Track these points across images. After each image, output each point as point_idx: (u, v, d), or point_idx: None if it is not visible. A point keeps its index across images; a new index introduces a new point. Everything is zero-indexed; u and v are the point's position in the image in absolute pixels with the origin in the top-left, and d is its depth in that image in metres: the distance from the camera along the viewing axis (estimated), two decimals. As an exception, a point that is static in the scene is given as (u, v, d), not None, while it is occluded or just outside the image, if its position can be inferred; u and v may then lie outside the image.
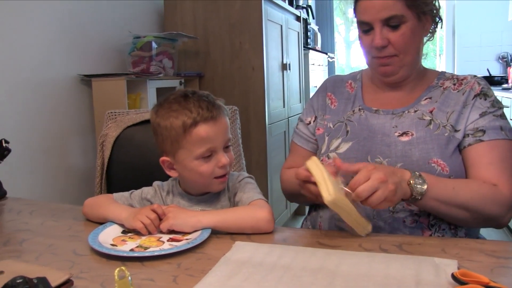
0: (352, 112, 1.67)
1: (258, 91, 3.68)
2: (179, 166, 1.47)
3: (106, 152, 2.11)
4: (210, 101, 1.44)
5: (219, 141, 1.43)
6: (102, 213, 1.47)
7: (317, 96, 1.79)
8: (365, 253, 1.18)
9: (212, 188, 1.49)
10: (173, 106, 1.43)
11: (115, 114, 2.19)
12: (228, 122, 1.48)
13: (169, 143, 1.45)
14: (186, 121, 1.40)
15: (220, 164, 1.43)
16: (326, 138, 1.66)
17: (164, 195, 1.56)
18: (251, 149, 3.73)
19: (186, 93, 1.46)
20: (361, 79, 1.75)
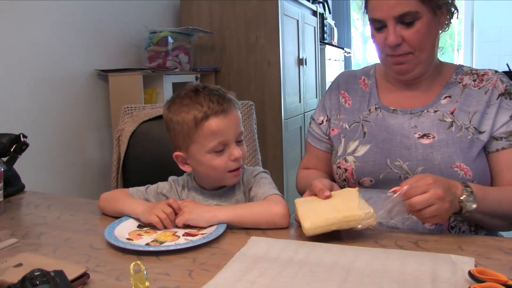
0: (368, 111, 1.61)
1: (274, 86, 3.67)
2: (192, 160, 1.47)
3: (122, 147, 2.12)
4: (220, 95, 1.45)
5: (231, 134, 1.44)
6: (118, 207, 1.48)
7: (329, 94, 1.73)
8: (381, 249, 1.17)
9: (226, 182, 1.49)
10: (184, 101, 1.44)
11: (131, 109, 2.19)
12: (239, 115, 1.48)
13: (181, 138, 1.46)
14: (197, 115, 1.41)
15: (232, 157, 1.43)
16: (342, 140, 1.62)
17: (179, 190, 1.57)
18: (267, 144, 3.73)
19: (197, 87, 1.47)
20: (374, 75, 1.69)
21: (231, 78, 3.80)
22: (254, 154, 2.09)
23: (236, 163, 1.45)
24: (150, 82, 3.11)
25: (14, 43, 2.51)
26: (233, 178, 1.48)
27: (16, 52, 2.52)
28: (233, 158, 1.44)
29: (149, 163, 2.06)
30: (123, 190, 1.59)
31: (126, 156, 2.11)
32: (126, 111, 2.19)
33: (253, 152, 2.09)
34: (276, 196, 1.43)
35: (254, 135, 2.10)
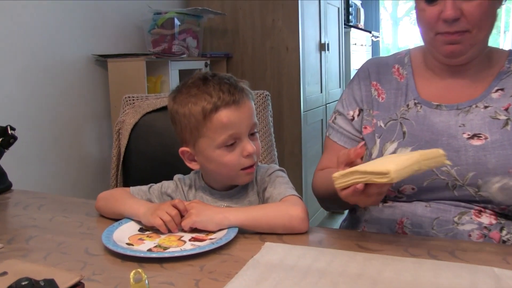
0: (406, 107, 1.56)
1: (292, 74, 3.67)
2: (201, 157, 1.47)
3: (123, 141, 2.12)
4: (232, 84, 1.44)
5: (243, 127, 1.43)
6: (118, 208, 1.48)
7: (358, 84, 1.67)
8: (411, 259, 1.16)
9: (238, 181, 1.49)
10: (192, 91, 1.44)
11: (133, 98, 2.20)
12: (253, 106, 1.48)
13: (188, 132, 1.46)
14: (206, 106, 1.40)
15: (245, 153, 1.43)
16: (378, 141, 1.55)
17: (186, 190, 1.57)
18: (284, 139, 3.72)
19: (206, 75, 1.47)
20: (410, 64, 1.63)
21: (245, 65, 3.80)
22: (269, 150, 2.09)
23: (249, 159, 1.45)
24: (154, 69, 3.12)
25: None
26: (245, 177, 1.48)
27: (2, 35, 2.53)
28: (246, 154, 1.43)
29: (153, 159, 2.07)
30: (124, 189, 1.59)
31: (127, 151, 2.12)
32: (127, 101, 2.20)
33: (268, 147, 2.09)
34: (293, 198, 1.42)
35: (270, 129, 2.10)
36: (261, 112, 2.07)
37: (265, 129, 2.08)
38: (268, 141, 2.09)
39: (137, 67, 2.96)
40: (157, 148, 2.06)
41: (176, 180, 1.59)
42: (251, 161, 1.46)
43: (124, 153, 2.12)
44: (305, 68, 3.76)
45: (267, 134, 2.09)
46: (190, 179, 1.59)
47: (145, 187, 1.58)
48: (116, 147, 2.16)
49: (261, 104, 2.08)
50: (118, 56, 3.04)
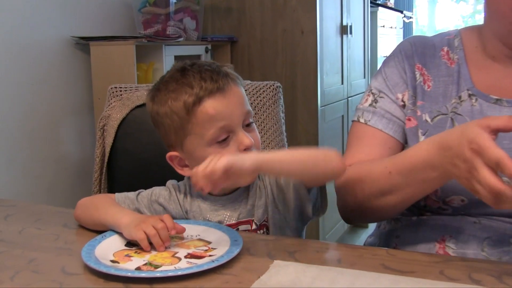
0: (458, 99, 1.51)
1: (308, 62, 3.67)
2: (192, 159, 1.49)
3: (108, 139, 2.13)
4: (214, 70, 1.46)
5: (235, 117, 1.45)
6: (98, 218, 1.49)
7: (402, 62, 1.62)
8: (448, 283, 1.16)
9: (240, 182, 1.50)
10: (170, 86, 1.47)
11: (120, 89, 2.20)
12: (243, 92, 1.50)
13: (173, 133, 1.48)
14: (188, 99, 1.43)
15: (242, 146, 1.44)
16: (422, 138, 1.51)
17: (181, 198, 1.57)
18: (298, 138, 3.73)
19: (184, 66, 1.49)
20: (461, 47, 1.59)
21: (253, 50, 3.80)
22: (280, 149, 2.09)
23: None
24: (145, 55, 3.12)
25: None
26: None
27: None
28: (243, 148, 1.44)
29: (143, 161, 2.07)
30: (107, 195, 1.60)
31: (113, 151, 2.13)
32: (114, 93, 2.20)
33: (280, 147, 2.08)
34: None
35: (281, 127, 2.10)
36: (271, 107, 2.07)
37: (276, 127, 2.08)
38: (279, 141, 2.09)
39: (125, 52, 2.96)
40: (149, 148, 2.07)
41: (169, 187, 1.60)
42: None
43: (109, 153, 2.13)
44: (323, 55, 3.76)
45: (278, 133, 2.09)
46: (184, 186, 1.59)
47: (133, 194, 1.59)
48: (99, 147, 2.17)
49: (271, 98, 2.08)
50: (103, 39, 3.05)
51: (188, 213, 1.55)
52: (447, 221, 1.45)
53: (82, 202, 1.58)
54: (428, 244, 1.47)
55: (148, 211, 1.56)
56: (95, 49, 3.04)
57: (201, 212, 1.53)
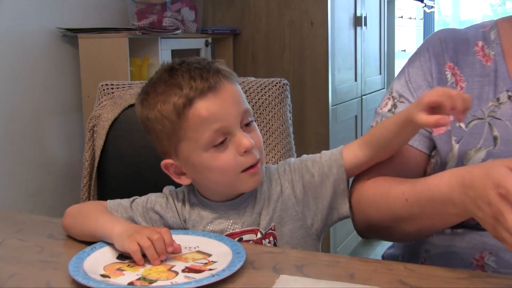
0: (496, 101, 1.47)
1: (318, 57, 3.67)
2: (188, 166, 1.50)
3: (98, 142, 2.13)
4: (204, 67, 1.46)
5: (231, 117, 1.45)
6: (88, 227, 1.49)
7: (429, 61, 1.58)
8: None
9: (242, 187, 1.50)
10: (158, 88, 1.47)
11: (112, 86, 2.20)
12: (238, 89, 1.50)
13: (166, 139, 1.48)
14: (177, 101, 1.43)
15: (241, 148, 1.44)
16: (456, 147, 1.47)
17: (179, 206, 1.57)
18: (307, 140, 3.73)
19: (172, 65, 1.50)
20: (498, 40, 1.55)
21: (257, 44, 3.80)
22: (287, 154, 2.09)
23: (250, 156, 1.46)
24: (139, 49, 3.13)
25: None
26: (250, 180, 1.49)
27: None
28: (243, 150, 1.44)
29: (137, 165, 2.08)
30: (99, 203, 1.60)
31: (104, 154, 2.13)
32: (105, 90, 2.21)
33: (286, 152, 2.09)
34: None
35: (288, 128, 2.10)
36: (277, 107, 2.07)
37: (282, 128, 2.08)
38: (285, 144, 2.09)
39: (117, 45, 2.97)
40: (143, 151, 2.07)
41: (166, 194, 1.60)
42: (253, 158, 1.47)
43: (99, 157, 2.13)
44: (335, 49, 3.77)
45: (285, 135, 2.09)
46: (182, 192, 1.60)
47: (127, 201, 1.59)
48: (89, 149, 2.17)
49: (277, 96, 2.08)
50: (92, 31, 3.05)
51: (187, 222, 1.55)
52: (486, 237, 1.41)
53: (70, 210, 1.58)
54: (463, 261, 1.44)
55: (143, 220, 1.55)
56: (84, 42, 3.04)
57: (202, 220, 1.53)
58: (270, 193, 1.54)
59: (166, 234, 1.37)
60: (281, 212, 1.53)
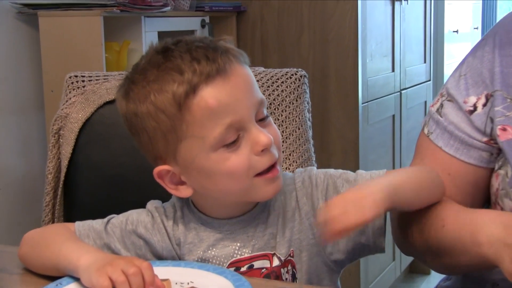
0: None
1: (345, 41, 3.69)
2: (190, 173, 1.48)
3: (66, 148, 2.14)
4: (208, 46, 1.46)
5: (244, 108, 1.44)
6: (50, 258, 1.50)
7: (492, 52, 1.57)
8: None
9: (257, 195, 1.50)
10: (149, 74, 1.45)
11: (82, 79, 2.22)
12: (250, 73, 1.50)
13: (161, 139, 1.46)
14: (177, 90, 1.41)
15: (258, 146, 1.43)
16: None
17: (169, 226, 1.57)
18: (331, 146, 3.74)
19: (165, 45, 1.48)
20: None
21: (267, 25, 3.81)
22: (305, 164, 2.10)
23: (268, 156, 1.45)
24: (117, 31, 3.14)
25: None
26: (267, 186, 1.48)
27: None
28: (260, 148, 1.44)
29: (115, 178, 2.09)
30: (65, 226, 1.61)
31: (72, 165, 2.14)
32: (73, 84, 2.22)
33: (304, 161, 2.09)
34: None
35: (307, 131, 2.11)
36: (293, 104, 2.08)
37: (300, 132, 2.09)
38: (303, 152, 2.10)
39: (89, 26, 2.98)
40: (122, 160, 2.08)
41: (151, 210, 1.60)
42: (271, 158, 1.46)
43: (66, 167, 2.14)
44: (367, 30, 3.78)
45: (303, 140, 2.10)
46: (173, 208, 1.59)
47: (100, 223, 1.59)
48: (53, 159, 2.18)
49: (292, 91, 2.09)
50: (56, 7, 3.05)
51: (181, 246, 1.55)
52: None
53: (29, 236, 1.59)
54: None
55: (123, 246, 1.56)
56: (45, 22, 3.05)
57: (201, 243, 1.53)
58: (285, 209, 1.55)
59: (147, 271, 1.34)
60: (299, 234, 1.54)
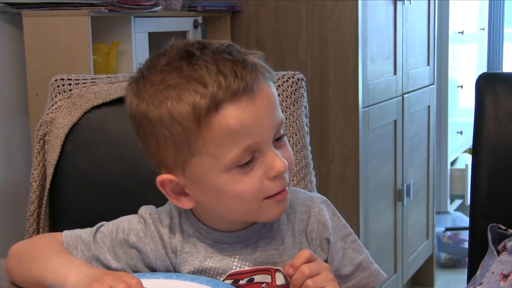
0: None
1: (345, 42, 3.69)
2: (196, 187, 1.47)
3: (51, 155, 2.14)
4: (237, 59, 1.43)
5: (265, 131, 1.43)
6: (36, 274, 1.50)
7: None
8: None
9: (264, 216, 1.50)
10: (169, 78, 1.42)
11: (69, 82, 2.22)
12: (274, 92, 1.48)
13: (171, 149, 1.45)
14: (199, 102, 1.38)
15: (273, 172, 1.43)
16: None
17: (165, 233, 1.57)
18: (330, 153, 3.75)
19: (189, 49, 1.44)
20: None
21: (263, 25, 3.82)
22: (303, 171, 2.10)
23: (279, 181, 1.45)
24: (106, 31, 3.15)
25: None
26: (275, 207, 1.48)
27: None
28: (274, 174, 1.43)
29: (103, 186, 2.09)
30: (53, 237, 1.61)
31: (58, 172, 2.14)
32: (60, 87, 2.22)
33: (301, 169, 2.10)
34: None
35: (305, 137, 2.11)
36: (290, 109, 2.09)
37: (297, 137, 2.10)
38: (300, 159, 2.10)
39: (76, 26, 2.98)
40: (111, 167, 2.09)
41: (145, 217, 1.59)
42: (282, 184, 1.46)
43: (52, 175, 2.14)
44: (368, 31, 3.79)
45: (300, 146, 2.10)
46: (169, 214, 1.59)
47: (89, 232, 1.59)
48: (38, 166, 2.18)
49: (289, 95, 2.09)
50: (42, 6, 3.05)
51: (178, 255, 1.54)
52: None
53: (16, 249, 1.59)
54: None
55: (114, 257, 1.55)
56: (30, 22, 3.05)
57: (198, 253, 1.53)
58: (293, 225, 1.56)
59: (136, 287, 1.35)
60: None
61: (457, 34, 5.35)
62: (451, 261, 5.42)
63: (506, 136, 2.12)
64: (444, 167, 5.63)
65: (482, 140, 2.16)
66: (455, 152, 5.89)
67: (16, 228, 3.02)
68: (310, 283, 1.39)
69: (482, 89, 2.21)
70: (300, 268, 1.40)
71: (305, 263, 1.40)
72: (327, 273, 1.43)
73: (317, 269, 1.41)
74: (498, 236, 1.93)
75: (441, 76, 5.25)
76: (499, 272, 1.76)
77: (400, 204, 4.36)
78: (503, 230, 1.93)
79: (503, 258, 1.81)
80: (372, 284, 1.60)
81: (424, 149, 4.82)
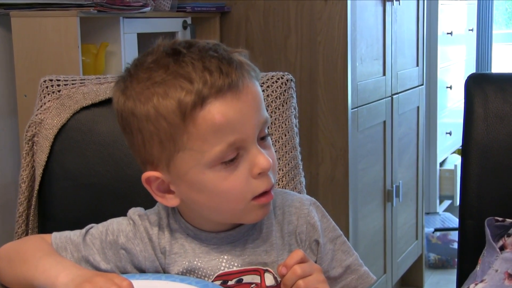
0: None
1: (334, 43, 3.69)
2: (180, 184, 1.48)
3: (40, 156, 2.14)
4: (223, 57, 1.44)
5: (249, 128, 1.45)
6: (26, 275, 1.50)
7: None
8: None
9: (248, 218, 1.51)
10: (155, 75, 1.44)
11: (58, 83, 2.21)
12: (259, 90, 1.50)
13: (157, 145, 1.46)
14: (184, 98, 1.40)
15: (257, 169, 1.44)
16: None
17: (154, 234, 1.58)
18: (319, 154, 3.74)
19: (175, 47, 1.47)
20: None
21: (252, 26, 3.82)
22: (292, 173, 2.10)
23: (265, 180, 1.47)
24: (95, 32, 3.14)
25: None
26: (259, 210, 1.49)
27: None
28: (258, 171, 1.44)
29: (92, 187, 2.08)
30: (42, 238, 1.61)
31: (47, 173, 2.13)
32: (48, 88, 2.22)
33: (291, 170, 2.10)
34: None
35: (294, 138, 2.11)
36: (279, 110, 2.09)
37: (286, 139, 2.10)
38: (289, 160, 2.10)
39: (65, 27, 2.98)
40: (100, 168, 2.08)
41: (134, 218, 1.59)
42: (268, 183, 1.47)
43: (41, 176, 2.14)
44: (357, 32, 3.79)
45: (289, 147, 2.10)
46: (157, 215, 1.59)
47: (78, 234, 1.59)
48: (27, 167, 2.18)
49: (278, 96, 2.09)
50: (30, 7, 3.05)
51: (167, 255, 1.55)
52: None
53: (5, 251, 1.59)
54: None
55: (103, 258, 1.56)
56: (18, 22, 3.05)
57: (186, 253, 1.54)
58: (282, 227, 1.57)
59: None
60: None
61: (446, 35, 5.36)
62: (440, 261, 5.43)
63: (495, 137, 2.13)
64: (433, 167, 5.65)
65: (471, 141, 2.17)
66: (444, 152, 5.91)
67: (5, 230, 3.02)
68: (301, 284, 1.41)
69: (471, 90, 2.22)
70: (293, 268, 1.42)
71: (298, 263, 1.42)
72: (318, 275, 1.46)
73: (309, 270, 1.43)
74: (497, 230, 1.94)
75: (430, 77, 5.27)
76: (504, 270, 1.78)
77: (389, 205, 4.36)
78: (501, 221, 1.94)
79: (508, 256, 1.82)
80: (361, 286, 1.61)
81: (413, 150, 4.82)
